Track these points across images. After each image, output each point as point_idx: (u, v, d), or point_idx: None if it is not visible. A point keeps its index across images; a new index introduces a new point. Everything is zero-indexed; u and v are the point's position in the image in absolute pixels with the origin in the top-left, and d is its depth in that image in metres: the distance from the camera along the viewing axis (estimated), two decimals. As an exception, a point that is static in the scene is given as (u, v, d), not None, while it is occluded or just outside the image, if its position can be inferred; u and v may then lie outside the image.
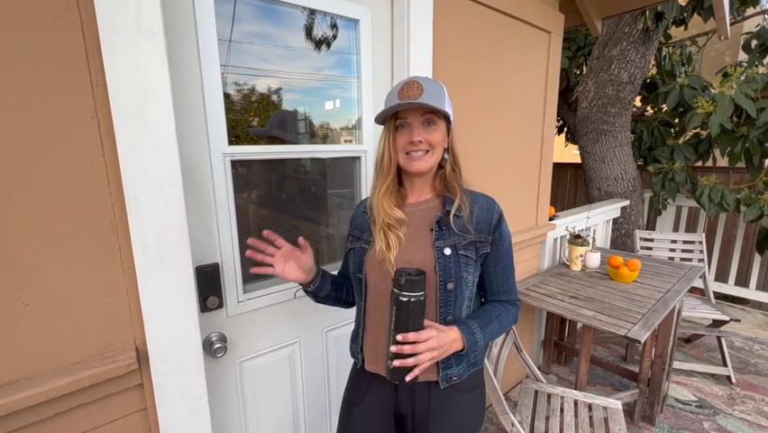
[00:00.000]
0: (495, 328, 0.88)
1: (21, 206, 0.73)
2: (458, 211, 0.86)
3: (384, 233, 0.86)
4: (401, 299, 0.75)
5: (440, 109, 0.81)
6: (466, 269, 0.85)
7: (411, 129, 0.83)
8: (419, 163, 0.84)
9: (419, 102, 0.79)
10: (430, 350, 0.76)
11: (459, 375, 0.89)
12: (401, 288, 0.75)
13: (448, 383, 0.88)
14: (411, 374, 0.77)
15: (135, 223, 0.83)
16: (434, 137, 0.84)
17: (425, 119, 0.83)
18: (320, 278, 0.95)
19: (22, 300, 0.75)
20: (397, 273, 0.77)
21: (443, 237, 0.85)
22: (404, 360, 0.76)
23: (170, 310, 0.89)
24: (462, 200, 0.86)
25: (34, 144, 0.73)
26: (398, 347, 0.75)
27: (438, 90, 0.83)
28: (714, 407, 2.08)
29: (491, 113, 1.76)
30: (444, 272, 0.84)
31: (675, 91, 3.12)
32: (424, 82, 0.82)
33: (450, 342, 0.80)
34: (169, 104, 0.83)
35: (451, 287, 0.84)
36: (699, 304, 2.42)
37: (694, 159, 3.24)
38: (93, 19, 0.75)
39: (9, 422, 0.75)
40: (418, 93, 0.80)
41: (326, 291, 0.98)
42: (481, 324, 0.86)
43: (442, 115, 0.84)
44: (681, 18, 3.35)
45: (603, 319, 1.60)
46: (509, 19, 1.73)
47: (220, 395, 1.13)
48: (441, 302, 0.85)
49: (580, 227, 2.49)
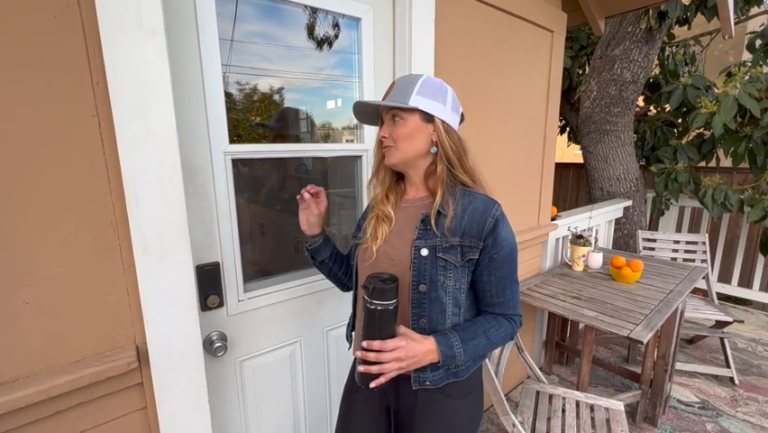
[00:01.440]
0: (480, 344, 0.81)
1: (22, 204, 0.73)
2: (441, 209, 0.81)
3: (375, 221, 0.89)
4: (369, 307, 0.72)
5: (390, 105, 0.82)
6: (444, 273, 0.80)
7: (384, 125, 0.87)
8: (388, 158, 0.87)
9: (367, 102, 0.85)
10: (396, 360, 0.73)
11: (433, 381, 0.84)
12: (370, 295, 0.72)
13: (421, 386, 0.84)
14: (375, 382, 0.74)
15: (136, 221, 0.82)
16: (398, 131, 0.83)
17: (391, 114, 0.85)
18: (321, 240, 1.01)
19: (22, 299, 0.75)
20: (368, 279, 0.74)
21: (425, 237, 0.82)
22: (368, 367, 0.74)
23: (171, 309, 0.89)
24: (444, 199, 0.82)
25: (35, 143, 0.73)
26: (363, 354, 0.74)
27: (406, 85, 0.82)
28: (717, 408, 2.06)
29: (493, 112, 1.75)
30: (418, 273, 0.81)
31: (678, 91, 3.10)
32: (400, 80, 0.85)
33: (422, 353, 0.76)
34: (169, 102, 0.83)
35: (423, 289, 0.81)
36: (701, 305, 2.41)
37: (697, 159, 3.22)
38: (93, 16, 0.75)
39: (10, 420, 0.75)
40: (388, 92, 0.85)
41: (324, 257, 1.02)
42: (464, 336, 0.80)
43: (412, 111, 0.82)
44: (685, 17, 3.33)
45: (605, 320, 1.59)
46: (512, 18, 1.72)
47: (220, 394, 1.13)
48: (414, 303, 0.82)
49: (583, 227, 2.48)
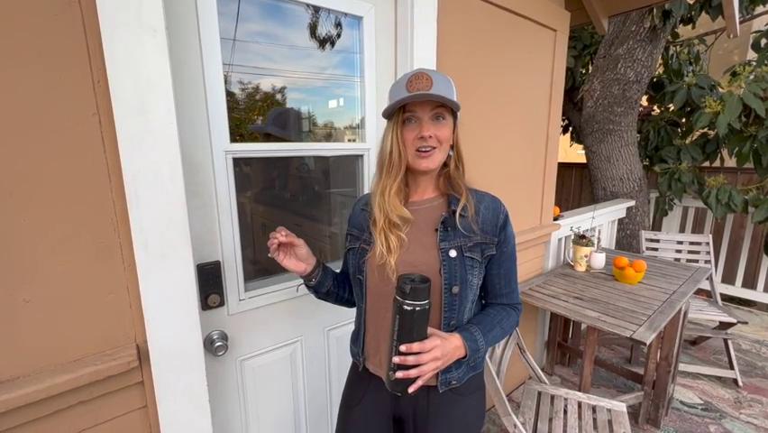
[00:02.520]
0: (497, 334, 0.86)
1: (22, 203, 0.73)
2: (463, 211, 0.83)
3: (384, 234, 0.82)
4: (405, 308, 0.70)
5: (451, 101, 0.76)
6: (471, 271, 0.82)
7: (420, 123, 0.79)
8: (427, 161, 0.80)
9: (432, 94, 0.74)
10: (434, 360, 0.73)
11: (458, 379, 0.87)
12: (405, 296, 0.70)
13: (447, 387, 0.86)
14: (414, 386, 0.73)
15: (136, 220, 0.82)
16: (443, 132, 0.80)
17: (434, 113, 0.79)
18: (320, 272, 0.94)
19: (22, 297, 0.75)
20: (401, 280, 0.72)
21: (449, 239, 0.82)
22: (407, 371, 0.72)
23: (171, 308, 0.89)
24: (468, 199, 0.84)
25: (35, 142, 0.73)
26: (402, 358, 0.71)
27: (447, 83, 0.79)
28: (720, 410, 2.05)
29: (496, 111, 1.74)
30: (450, 276, 0.81)
31: (683, 90, 3.08)
32: (432, 74, 0.77)
33: (453, 350, 0.77)
34: (170, 100, 0.83)
35: (456, 290, 0.81)
36: (705, 306, 2.39)
37: (701, 159, 3.20)
38: (94, 14, 0.74)
39: (9, 419, 0.75)
40: (428, 85, 0.75)
41: (327, 288, 0.96)
42: (483, 329, 0.83)
43: (450, 111, 0.82)
44: (689, 16, 3.31)
45: (608, 321, 1.58)
46: (515, 17, 1.71)
47: (221, 394, 1.13)
48: (445, 306, 0.82)
49: (585, 228, 2.47)
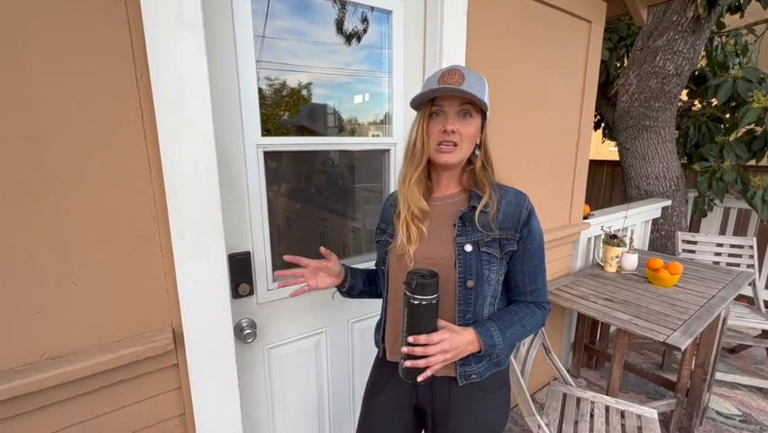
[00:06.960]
0: (517, 331, 0.85)
1: (72, 192, 0.78)
2: (485, 208, 0.83)
3: (406, 225, 0.85)
4: (412, 302, 0.74)
5: (479, 99, 0.77)
6: (488, 267, 0.82)
7: (446, 117, 0.80)
8: (447, 156, 0.81)
9: (459, 89, 0.75)
10: (442, 352, 0.75)
11: (479, 374, 0.87)
12: (413, 291, 0.74)
13: (467, 381, 0.86)
14: (423, 375, 0.76)
15: (174, 210, 0.86)
16: (468, 129, 0.81)
17: (461, 109, 0.80)
18: (350, 278, 1.00)
19: (71, 280, 0.80)
20: (409, 275, 0.76)
21: (465, 234, 0.83)
22: (415, 361, 0.76)
23: (205, 295, 0.93)
24: (491, 197, 0.83)
25: (84, 134, 0.78)
26: (409, 349, 0.76)
27: (480, 81, 0.80)
28: (760, 423, 1.94)
29: (526, 106, 1.70)
30: (465, 269, 0.82)
31: (728, 84, 2.89)
32: (466, 72, 0.79)
33: (464, 344, 0.78)
34: (207, 95, 0.86)
35: (471, 284, 0.82)
36: (746, 313, 2.26)
37: (747, 157, 3.00)
38: (138, 12, 0.78)
39: (61, 391, 0.81)
40: (459, 81, 0.77)
41: (359, 289, 1.02)
42: (502, 326, 0.83)
43: (478, 109, 0.82)
44: (737, 4, 3.09)
45: (640, 324, 1.52)
46: (547, 8, 1.66)
47: (249, 379, 1.17)
48: (460, 299, 0.83)
49: (617, 227, 2.38)
